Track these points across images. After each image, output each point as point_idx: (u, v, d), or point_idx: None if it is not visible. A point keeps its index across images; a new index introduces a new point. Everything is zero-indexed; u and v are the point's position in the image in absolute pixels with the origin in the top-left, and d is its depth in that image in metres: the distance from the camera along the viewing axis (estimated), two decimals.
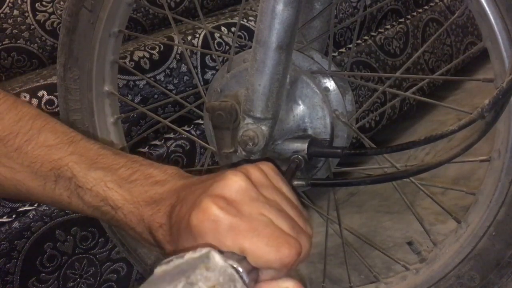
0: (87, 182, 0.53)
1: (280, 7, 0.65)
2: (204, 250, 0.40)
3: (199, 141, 1.05)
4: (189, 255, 0.40)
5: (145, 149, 1.06)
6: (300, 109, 0.74)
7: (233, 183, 0.46)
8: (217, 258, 0.40)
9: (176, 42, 1.16)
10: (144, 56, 1.11)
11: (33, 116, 0.57)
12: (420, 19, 1.77)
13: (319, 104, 0.74)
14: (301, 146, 0.72)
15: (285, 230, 0.44)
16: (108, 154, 0.55)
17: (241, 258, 0.43)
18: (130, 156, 0.56)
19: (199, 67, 1.17)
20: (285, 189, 0.50)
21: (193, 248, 0.41)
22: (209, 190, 0.46)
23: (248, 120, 0.70)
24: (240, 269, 0.42)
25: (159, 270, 0.41)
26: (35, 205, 0.92)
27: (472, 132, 0.63)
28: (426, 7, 1.83)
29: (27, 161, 0.55)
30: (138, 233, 0.52)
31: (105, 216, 0.54)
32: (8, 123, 0.56)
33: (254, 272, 0.43)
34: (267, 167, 0.50)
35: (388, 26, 1.67)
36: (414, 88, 1.06)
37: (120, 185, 0.52)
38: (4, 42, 1.32)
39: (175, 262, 0.40)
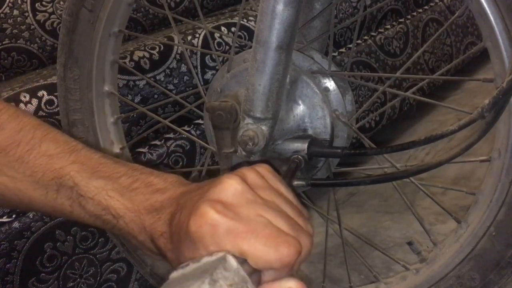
0: (89, 191, 0.53)
1: (280, 7, 0.65)
2: (221, 253, 0.42)
3: (199, 141, 1.05)
4: (206, 259, 0.42)
5: (145, 149, 1.06)
6: (300, 109, 0.74)
7: (229, 187, 0.46)
8: (232, 260, 0.41)
9: (176, 42, 1.16)
10: (144, 56, 1.11)
11: (34, 126, 0.57)
12: (420, 19, 1.77)
13: (319, 104, 0.74)
14: (301, 146, 0.72)
15: (284, 229, 0.44)
16: (109, 163, 0.55)
17: (242, 260, 0.43)
18: (130, 164, 0.56)
19: (199, 67, 1.17)
20: (283, 189, 0.50)
21: (208, 254, 0.43)
22: (206, 195, 0.46)
23: (248, 120, 0.70)
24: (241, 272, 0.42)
25: (176, 274, 0.42)
26: None
27: (472, 132, 0.63)
28: (426, 7, 1.83)
29: (29, 171, 0.55)
30: (140, 242, 0.52)
31: (107, 225, 0.54)
32: (10, 133, 0.56)
33: (256, 274, 0.43)
34: (264, 168, 0.50)
35: (388, 26, 1.67)
36: (414, 88, 1.06)
37: (121, 194, 0.52)
38: (4, 42, 1.32)
39: (192, 265, 0.42)
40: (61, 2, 1.38)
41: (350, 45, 1.50)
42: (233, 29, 1.26)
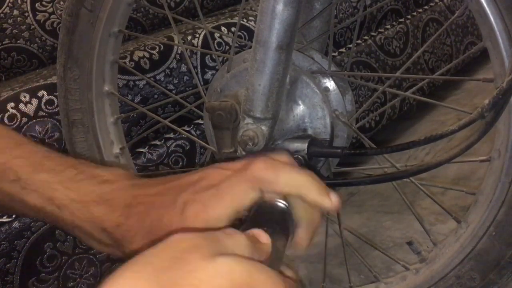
0: (32, 184, 0.53)
1: (280, 7, 0.65)
2: None
3: (199, 141, 1.05)
4: None
5: (145, 149, 1.06)
6: (300, 109, 0.74)
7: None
8: None
9: (176, 42, 1.16)
10: (144, 56, 1.11)
11: None
12: (420, 19, 1.77)
13: (319, 104, 0.74)
14: (301, 146, 0.72)
15: None
16: (54, 157, 0.55)
17: None
18: (77, 159, 0.56)
19: (199, 67, 1.17)
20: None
21: None
22: None
23: (248, 120, 0.70)
24: None
25: None
26: None
27: (472, 132, 0.63)
28: (426, 7, 1.83)
29: None
30: (86, 232, 0.52)
31: (49, 218, 0.54)
32: None
33: None
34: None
35: (388, 26, 1.67)
36: (414, 88, 1.06)
37: (66, 186, 0.52)
38: (4, 42, 1.32)
39: None
40: (61, 2, 1.38)
41: (350, 45, 1.50)
42: (233, 29, 1.26)
